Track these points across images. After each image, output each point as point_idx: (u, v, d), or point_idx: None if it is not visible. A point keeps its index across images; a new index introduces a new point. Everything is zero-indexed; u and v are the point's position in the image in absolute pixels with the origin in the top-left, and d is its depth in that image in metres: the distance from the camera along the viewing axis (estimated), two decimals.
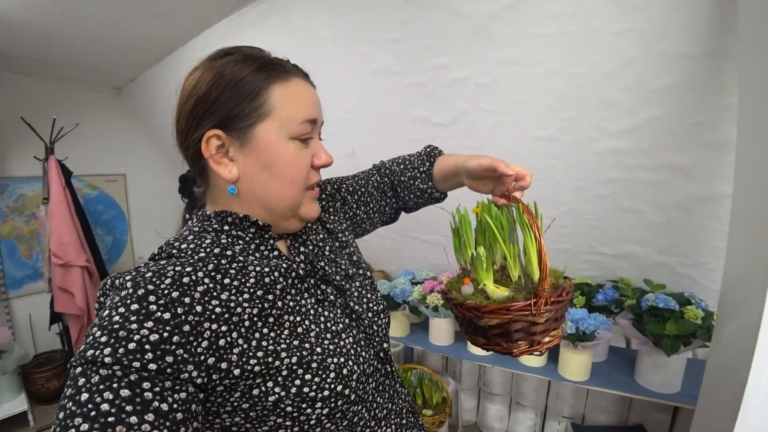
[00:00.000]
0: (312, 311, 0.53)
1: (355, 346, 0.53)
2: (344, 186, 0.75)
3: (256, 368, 0.43)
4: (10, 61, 2.05)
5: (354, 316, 0.57)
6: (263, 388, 0.44)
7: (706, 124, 1.04)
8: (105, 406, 0.33)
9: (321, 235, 0.63)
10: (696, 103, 1.02)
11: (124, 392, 0.35)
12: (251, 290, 0.47)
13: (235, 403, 0.44)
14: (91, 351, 0.36)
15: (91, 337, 0.37)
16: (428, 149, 0.78)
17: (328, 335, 0.51)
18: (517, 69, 1.19)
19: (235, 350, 0.43)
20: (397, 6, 1.22)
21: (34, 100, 2.26)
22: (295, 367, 0.46)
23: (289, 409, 0.45)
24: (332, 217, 0.69)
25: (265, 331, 0.46)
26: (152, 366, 0.36)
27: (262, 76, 0.50)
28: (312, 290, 0.55)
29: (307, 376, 0.46)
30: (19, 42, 1.79)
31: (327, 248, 0.62)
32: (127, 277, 0.41)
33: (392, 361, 0.64)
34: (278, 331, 0.47)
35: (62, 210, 2.00)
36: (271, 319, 0.48)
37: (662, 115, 1.08)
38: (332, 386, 0.47)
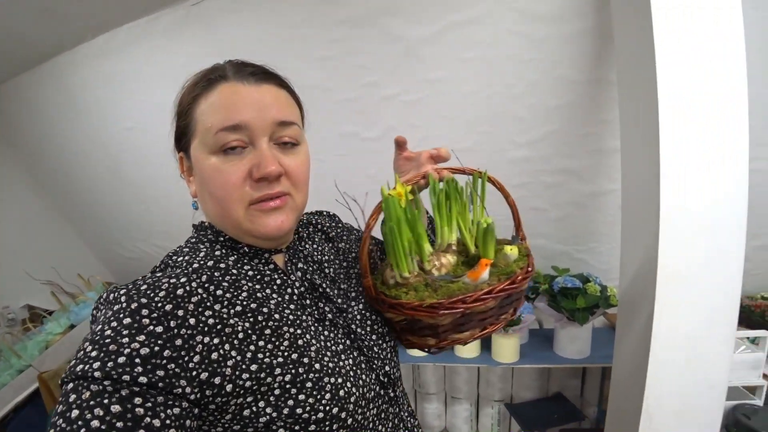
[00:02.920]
0: (312, 328, 0.52)
1: (354, 368, 0.51)
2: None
3: (247, 383, 0.42)
4: None
5: (353, 337, 0.56)
6: (254, 409, 0.42)
7: (591, 136, 1.31)
8: (95, 423, 0.33)
9: (327, 256, 0.63)
10: (583, 118, 1.28)
11: (115, 408, 0.34)
12: (244, 303, 0.47)
13: (227, 425, 0.42)
14: (81, 366, 0.35)
15: (81, 352, 0.37)
16: None
17: (328, 353, 0.50)
18: (441, 88, 1.33)
19: (229, 362, 0.42)
20: (329, 25, 1.27)
21: None
22: (288, 386, 0.44)
23: None
24: (345, 237, 0.71)
25: (261, 343, 0.45)
26: (143, 379, 0.35)
27: (194, 93, 0.50)
28: (310, 309, 0.54)
29: (301, 396, 0.44)
30: None
31: (329, 268, 0.61)
32: (122, 291, 0.41)
33: (397, 387, 0.61)
34: (276, 343, 0.46)
35: None
36: (267, 331, 0.46)
37: (558, 128, 1.33)
38: (327, 408, 0.45)
